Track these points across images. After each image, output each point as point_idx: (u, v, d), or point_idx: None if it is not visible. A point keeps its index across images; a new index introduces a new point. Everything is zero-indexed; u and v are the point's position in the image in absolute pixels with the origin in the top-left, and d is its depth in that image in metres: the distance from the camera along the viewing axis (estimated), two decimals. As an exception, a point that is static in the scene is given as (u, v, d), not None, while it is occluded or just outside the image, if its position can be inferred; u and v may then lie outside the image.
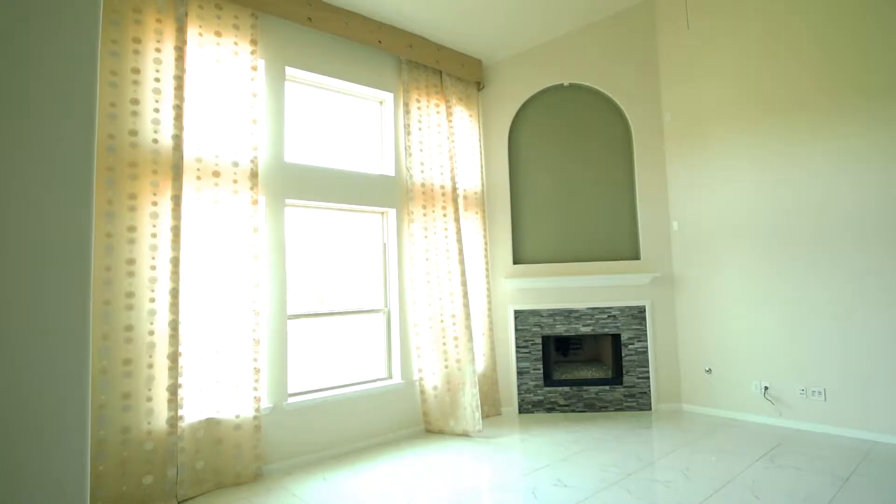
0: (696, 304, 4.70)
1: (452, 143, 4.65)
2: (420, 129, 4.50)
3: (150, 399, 3.02)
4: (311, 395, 3.85)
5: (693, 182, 4.73)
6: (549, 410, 4.82)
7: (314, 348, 4.04)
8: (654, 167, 4.92)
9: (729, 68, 4.51)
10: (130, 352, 2.97)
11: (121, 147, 3.00)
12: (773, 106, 4.26)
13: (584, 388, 4.81)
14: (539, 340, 4.87)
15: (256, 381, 3.41)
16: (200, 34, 3.37)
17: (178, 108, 3.19)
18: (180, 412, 3.13)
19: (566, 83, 5.03)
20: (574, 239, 4.97)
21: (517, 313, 4.90)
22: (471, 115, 4.94)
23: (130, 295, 2.99)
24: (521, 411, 4.84)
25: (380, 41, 4.22)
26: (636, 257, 4.91)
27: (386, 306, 4.43)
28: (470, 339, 4.36)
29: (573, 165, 5.02)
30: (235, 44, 3.50)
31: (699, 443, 3.88)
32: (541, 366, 4.85)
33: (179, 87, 3.20)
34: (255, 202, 3.49)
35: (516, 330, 4.90)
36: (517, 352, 4.88)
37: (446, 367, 4.39)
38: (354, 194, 4.16)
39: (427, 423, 4.39)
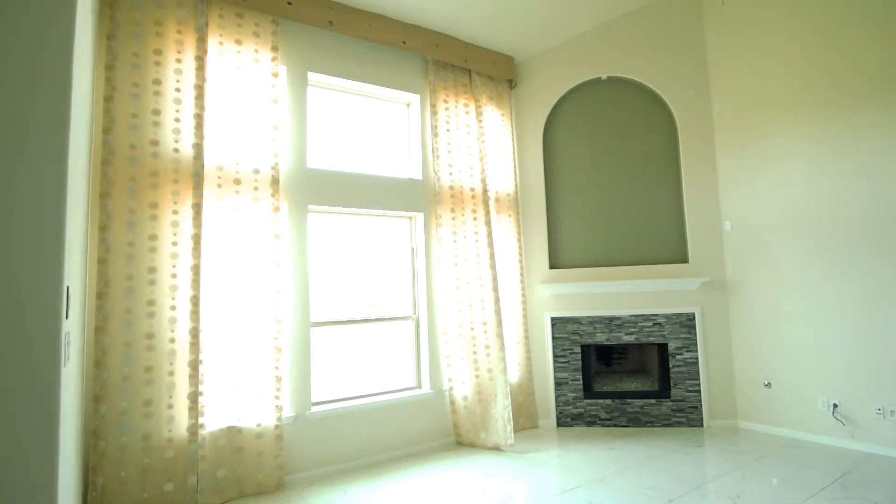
0: (752, 311, 4.28)
1: (482, 144, 4.48)
2: (448, 130, 4.36)
3: (170, 406, 3.03)
4: (336, 404, 3.77)
5: (747, 178, 4.31)
6: (590, 424, 4.52)
7: (340, 356, 3.97)
8: (703, 163, 4.54)
9: (786, 50, 4.09)
10: (152, 359, 2.99)
11: (142, 157, 3.04)
12: (839, 90, 3.81)
13: (628, 401, 4.49)
14: (578, 349, 4.59)
15: (278, 389, 3.37)
16: (221, 43, 3.39)
17: (199, 117, 3.21)
18: (201, 420, 3.13)
19: (604, 76, 4.74)
20: (615, 241, 4.67)
21: (554, 321, 4.65)
22: (503, 115, 4.75)
23: (151, 303, 3.02)
24: (559, 424, 4.58)
25: (404, 42, 4.13)
26: (684, 260, 4.54)
27: (415, 313, 4.31)
28: (502, 347, 4.17)
29: (613, 163, 4.72)
30: (256, 51, 3.50)
31: (755, 466, 3.49)
32: (580, 376, 4.56)
33: (200, 97, 3.23)
34: (276, 209, 3.47)
35: (553, 338, 4.65)
36: (555, 361, 4.63)
37: (477, 376, 4.21)
38: (381, 199, 4.07)
39: (458, 436, 4.22)
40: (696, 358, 4.41)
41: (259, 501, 3.18)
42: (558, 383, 4.60)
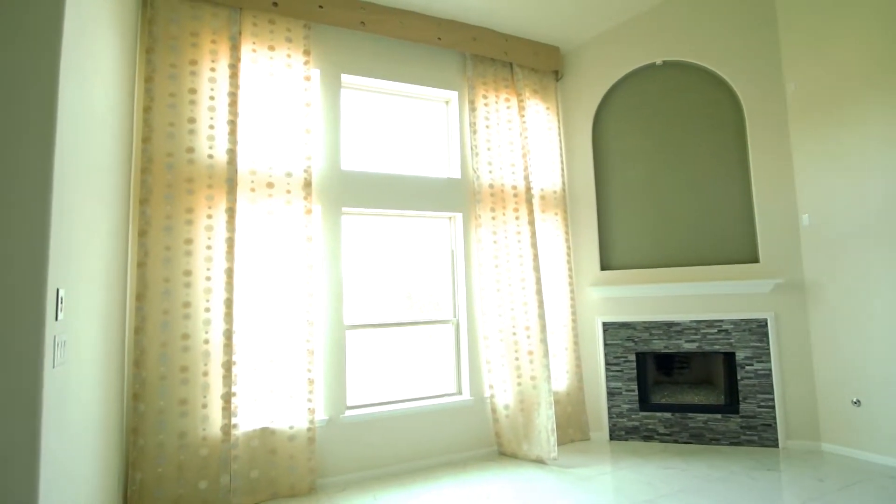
0: (837, 318, 3.74)
1: (525, 140, 4.27)
2: (487, 126, 4.20)
3: (205, 406, 3.10)
4: (372, 408, 3.72)
5: (828, 164, 3.78)
6: (647, 439, 4.16)
7: (378, 360, 3.92)
8: (776, 149, 4.04)
9: (878, 15, 3.54)
10: (187, 359, 3.08)
11: (178, 164, 3.15)
12: (942, 57, 3.23)
13: (690, 415, 4.08)
14: (632, 357, 4.25)
15: (310, 392, 3.36)
16: (254, 50, 3.45)
17: (233, 124, 3.29)
18: (234, 420, 3.18)
19: (659, 61, 4.37)
20: (674, 240, 4.27)
21: (606, 326, 4.34)
22: (548, 108, 4.51)
23: (187, 305, 3.11)
24: (612, 438, 4.25)
25: (439, 38, 4.02)
26: (753, 260, 4.06)
27: (455, 317, 4.17)
28: (546, 354, 3.93)
29: (671, 155, 4.33)
30: (288, 56, 3.54)
31: (840, 497, 3.02)
32: (635, 386, 4.22)
33: (233, 104, 3.30)
34: (308, 211, 3.48)
35: (605, 344, 4.33)
36: (607, 369, 4.31)
37: (519, 384, 4.00)
38: (418, 199, 3.98)
39: (500, 445, 4.03)
40: (770, 369, 3.92)
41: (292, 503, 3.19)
42: (611, 393, 4.28)
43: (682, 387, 4.41)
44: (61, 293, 1.64)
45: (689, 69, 4.33)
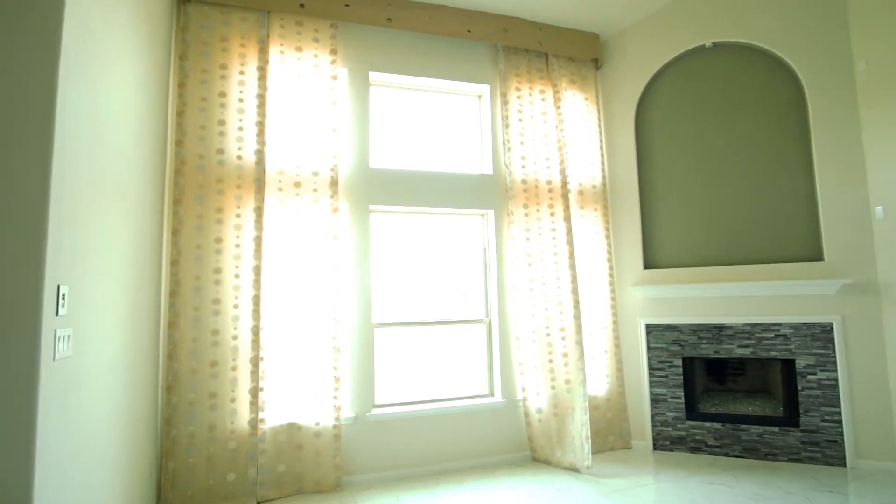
0: (917, 323, 3.30)
1: (561, 133, 4.08)
2: (520, 119, 4.05)
3: (233, 400, 3.19)
4: (400, 407, 3.69)
5: (906, 150, 3.34)
6: (694, 451, 3.87)
7: (408, 359, 3.88)
8: (843, 135, 3.63)
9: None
10: (216, 354, 3.18)
11: (209, 165, 3.26)
12: None
13: (743, 426, 3.75)
14: (678, 362, 3.96)
15: (336, 389, 3.38)
16: (282, 52, 3.51)
17: (261, 125, 3.36)
18: (261, 415, 3.25)
19: (708, 44, 4.04)
20: (725, 235, 3.94)
21: (650, 328, 4.07)
22: (587, 99, 4.30)
23: (217, 301, 3.21)
24: (655, 447, 3.99)
25: (469, 30, 3.93)
26: (817, 257, 3.67)
27: (487, 316, 4.07)
28: (581, 356, 3.74)
29: (722, 144, 4.00)
30: (315, 56, 3.57)
31: (912, 527, 2.65)
32: (681, 393, 3.93)
33: (261, 105, 3.37)
34: (335, 210, 3.50)
35: (649, 348, 4.07)
36: (650, 375, 4.05)
37: (553, 387, 3.83)
38: (449, 196, 3.91)
39: (533, 451, 3.88)
40: (835, 379, 3.52)
41: (316, 500, 3.21)
42: (655, 400, 4.01)
43: (734, 395, 4.07)
44: (63, 290, 1.71)
45: (742, 50, 3.97)
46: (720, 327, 3.85)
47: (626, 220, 4.22)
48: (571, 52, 4.23)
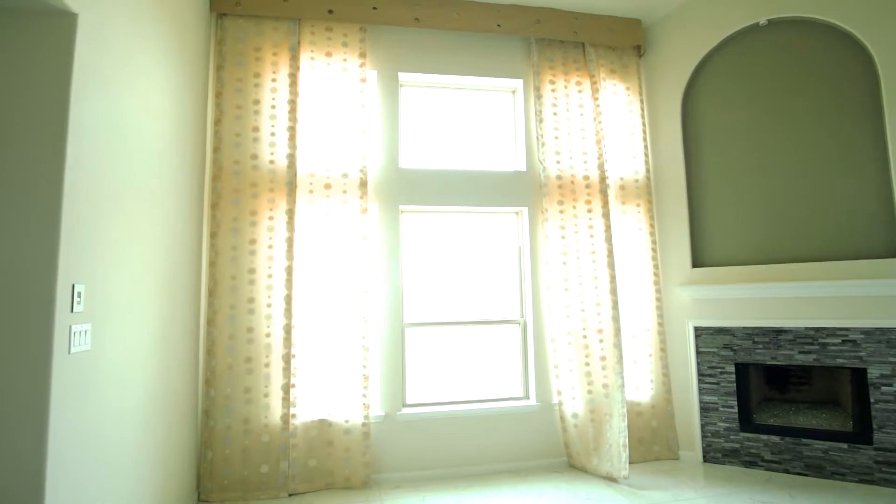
0: None
1: (599, 125, 3.90)
2: (555, 113, 3.92)
3: (266, 395, 3.32)
4: (431, 407, 3.68)
5: None
6: (749, 465, 3.55)
7: (439, 359, 3.86)
8: (924, 114, 3.19)
9: None
10: (251, 351, 3.32)
11: (244, 170, 3.41)
12: None
13: (805, 441, 3.40)
14: (731, 368, 3.66)
15: (365, 387, 3.43)
16: (312, 58, 3.61)
17: (292, 130, 3.47)
18: (293, 410, 3.35)
19: (763, 21, 3.70)
20: (784, 230, 3.59)
21: (699, 331, 3.79)
22: (628, 88, 4.08)
23: (251, 300, 3.35)
24: (705, 459, 3.70)
25: (499, 25, 3.84)
26: (891, 254, 3.25)
27: (521, 317, 3.96)
28: (620, 360, 3.55)
29: (781, 130, 3.64)
30: (344, 60, 3.64)
31: None
32: (734, 402, 3.63)
33: (293, 110, 3.49)
34: (364, 211, 3.55)
35: (698, 352, 3.79)
36: (700, 381, 3.77)
37: (589, 391, 3.67)
38: (481, 195, 3.85)
39: (569, 457, 3.73)
40: (916, 392, 3.11)
41: (345, 495, 3.27)
42: (705, 408, 3.73)
43: (796, 407, 3.70)
44: (78, 288, 1.84)
45: (803, 26, 3.60)
46: (778, 331, 3.51)
47: (672, 215, 3.96)
48: (611, 41, 4.03)
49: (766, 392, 3.86)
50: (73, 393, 1.81)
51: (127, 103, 2.26)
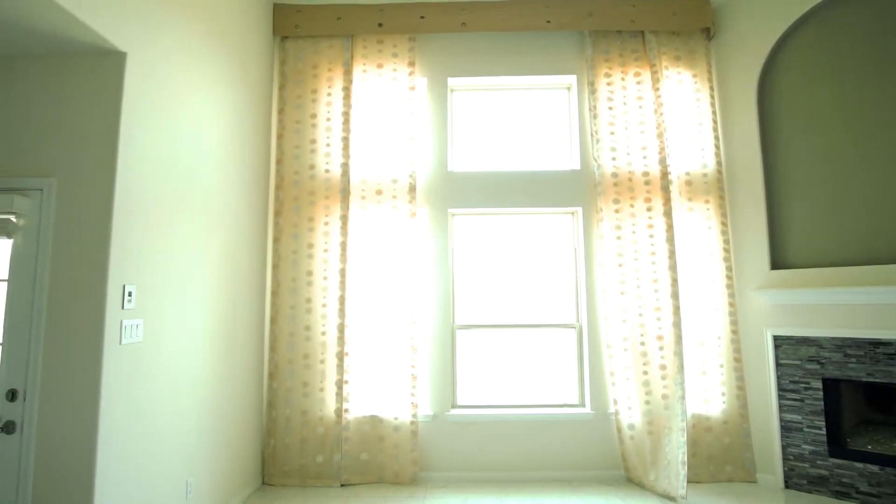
0: None
1: (661, 118, 3.65)
2: (610, 108, 3.73)
3: (322, 390, 3.54)
4: (481, 409, 3.68)
5: None
6: (840, 496, 3.11)
7: (492, 361, 3.84)
8: None
9: None
10: (308, 348, 3.57)
11: (302, 180, 3.68)
12: None
13: (911, 473, 2.90)
14: (818, 384, 3.23)
15: (413, 387, 3.52)
16: (364, 70, 3.79)
17: (345, 140, 3.68)
18: (346, 405, 3.54)
19: (855, -14, 3.22)
20: (880, 228, 3.10)
21: (779, 340, 3.40)
22: (695, 76, 3.77)
23: (309, 301, 3.60)
24: (787, 485, 3.30)
25: (548, 21, 3.75)
26: None
27: (577, 321, 3.82)
28: (681, 370, 3.30)
29: (871, 116, 3.15)
30: (394, 70, 3.78)
31: None
32: (822, 423, 3.19)
33: (346, 122, 3.70)
34: (413, 215, 3.65)
35: (778, 364, 3.39)
36: (780, 396, 3.37)
37: (647, 402, 3.44)
38: (533, 196, 3.78)
39: (627, 470, 3.53)
40: None
41: (393, 490, 3.39)
42: (786, 428, 3.33)
43: (900, 431, 3.16)
44: (129, 288, 2.14)
45: (906, -13, 3.08)
46: (876, 343, 3.03)
47: (747, 211, 3.59)
48: (675, 25, 3.75)
49: (866, 413, 3.35)
50: (122, 380, 2.10)
51: (183, 129, 2.56)
